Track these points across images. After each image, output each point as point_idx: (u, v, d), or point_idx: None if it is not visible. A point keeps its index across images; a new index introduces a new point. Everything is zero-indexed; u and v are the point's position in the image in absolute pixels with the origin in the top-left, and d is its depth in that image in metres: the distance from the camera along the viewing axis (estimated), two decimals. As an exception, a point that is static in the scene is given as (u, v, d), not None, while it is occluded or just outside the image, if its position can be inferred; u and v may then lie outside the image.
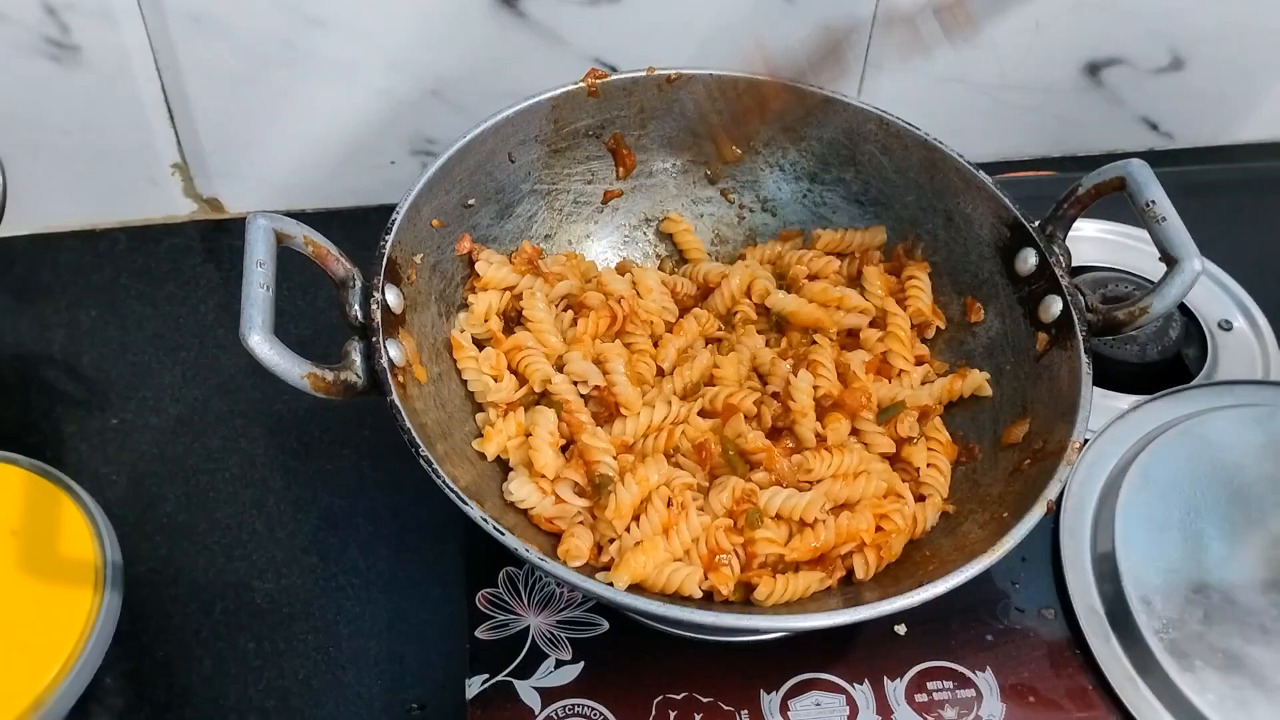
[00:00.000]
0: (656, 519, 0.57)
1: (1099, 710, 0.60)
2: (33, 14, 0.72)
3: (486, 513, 0.52)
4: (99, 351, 0.77)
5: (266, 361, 0.52)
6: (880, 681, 0.60)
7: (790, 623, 0.57)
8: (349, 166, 0.84)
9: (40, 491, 0.65)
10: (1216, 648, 0.60)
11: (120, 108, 0.78)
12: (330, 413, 0.73)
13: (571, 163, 0.72)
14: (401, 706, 0.61)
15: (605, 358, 0.64)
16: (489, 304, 0.66)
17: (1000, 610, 0.64)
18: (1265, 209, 0.93)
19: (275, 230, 0.56)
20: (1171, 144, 0.96)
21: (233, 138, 0.81)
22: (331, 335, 0.69)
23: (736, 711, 0.59)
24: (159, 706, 0.61)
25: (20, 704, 0.56)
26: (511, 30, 0.78)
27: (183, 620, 0.64)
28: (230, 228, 0.86)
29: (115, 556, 0.63)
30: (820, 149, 0.73)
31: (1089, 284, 0.79)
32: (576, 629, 0.61)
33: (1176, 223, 0.61)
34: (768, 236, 0.76)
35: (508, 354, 0.64)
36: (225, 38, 0.75)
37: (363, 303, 0.57)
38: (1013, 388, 0.65)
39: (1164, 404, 0.73)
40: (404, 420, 0.54)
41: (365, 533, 0.68)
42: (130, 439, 0.72)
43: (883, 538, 0.59)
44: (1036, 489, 0.55)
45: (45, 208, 0.82)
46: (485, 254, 0.67)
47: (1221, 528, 0.65)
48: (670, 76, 0.71)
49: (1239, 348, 0.79)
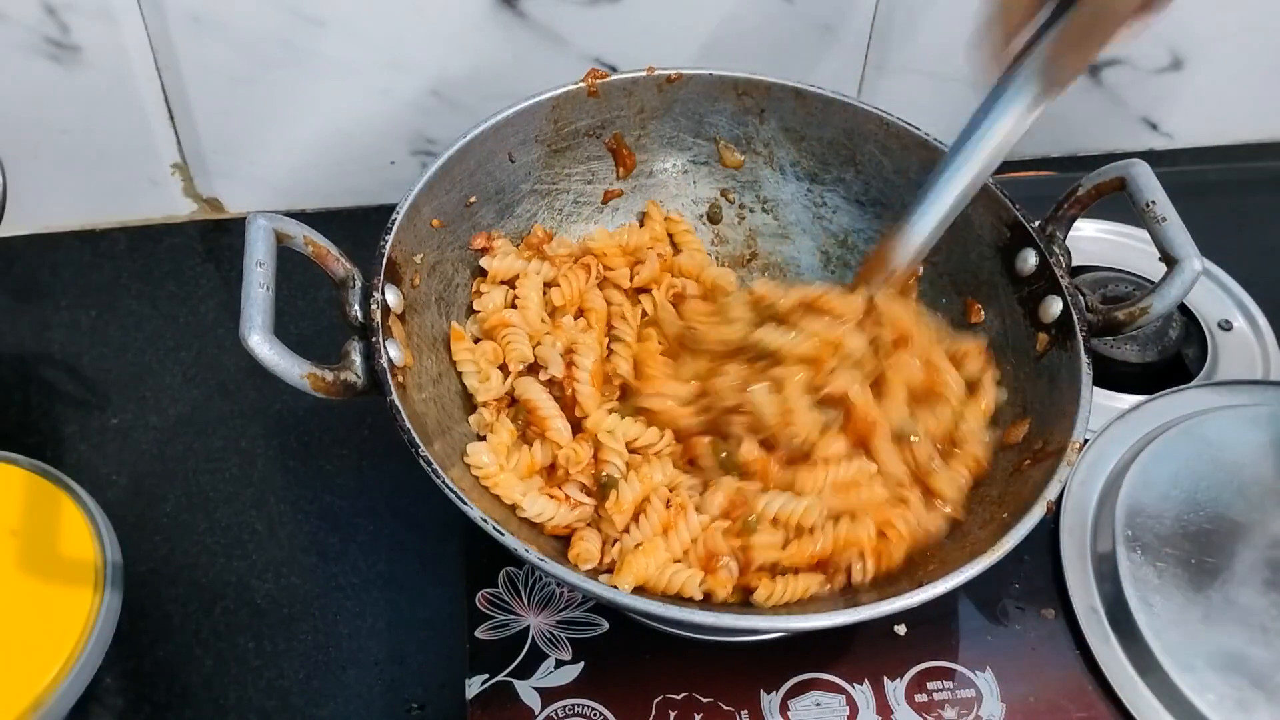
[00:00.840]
0: (656, 519, 0.57)
1: (1099, 710, 0.60)
2: (33, 14, 0.72)
3: (486, 513, 0.52)
4: (99, 351, 0.77)
5: (266, 361, 0.52)
6: (880, 681, 0.60)
7: (790, 623, 0.56)
8: (349, 166, 0.84)
9: (40, 491, 0.65)
10: (1216, 648, 0.60)
11: (120, 108, 0.78)
12: (330, 413, 0.73)
13: (571, 163, 0.72)
14: (401, 706, 0.61)
15: (576, 350, 0.63)
16: (495, 303, 0.66)
17: (1000, 610, 0.64)
18: (1265, 209, 0.93)
19: (275, 230, 0.56)
20: (1171, 144, 0.96)
21: (233, 138, 0.81)
22: (331, 335, 0.69)
23: (736, 711, 0.59)
24: (159, 706, 0.61)
25: (20, 704, 0.57)
26: (511, 30, 0.78)
27: (183, 620, 0.64)
28: (230, 228, 0.86)
29: (115, 556, 0.63)
30: (820, 149, 0.74)
31: (1089, 284, 0.79)
32: (576, 629, 0.61)
33: (1176, 223, 0.61)
34: (768, 236, 0.76)
35: (493, 330, 0.64)
36: (225, 38, 0.75)
37: (363, 303, 0.57)
38: (1013, 388, 0.65)
39: (1164, 404, 0.73)
40: (404, 420, 0.54)
41: (365, 533, 0.68)
42: (130, 439, 0.72)
43: (884, 544, 0.58)
44: (1036, 489, 0.55)
45: (45, 208, 0.82)
46: (500, 244, 0.67)
47: (1222, 528, 0.65)
48: (670, 76, 0.71)
49: (1239, 348, 0.79)
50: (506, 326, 0.64)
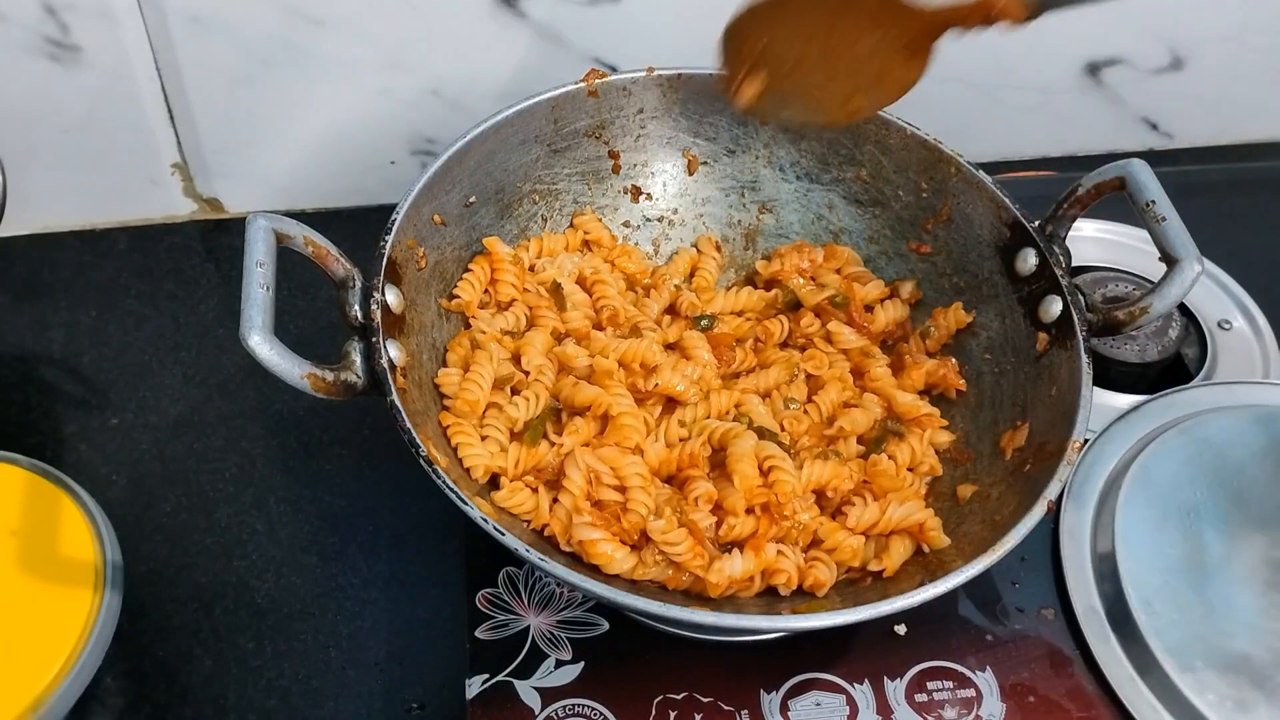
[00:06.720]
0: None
1: (1099, 710, 0.60)
2: (33, 14, 0.72)
3: (486, 513, 0.52)
4: (99, 351, 0.77)
5: (266, 361, 0.52)
6: (880, 681, 0.60)
7: (790, 623, 0.56)
8: (349, 166, 0.84)
9: (40, 491, 0.65)
10: (1216, 648, 0.60)
11: (120, 108, 0.78)
12: (330, 413, 0.73)
13: (571, 163, 0.72)
14: (401, 706, 0.61)
15: (566, 359, 0.65)
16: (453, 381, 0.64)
17: (1000, 610, 0.64)
18: (1265, 209, 0.93)
19: (275, 230, 0.56)
20: (1171, 144, 0.96)
21: (233, 138, 0.81)
22: (331, 335, 0.69)
23: (736, 711, 0.59)
24: (159, 706, 0.61)
25: (20, 704, 0.57)
26: (511, 30, 0.78)
27: (183, 620, 0.64)
28: (230, 228, 0.86)
29: (115, 556, 0.63)
30: (820, 149, 0.74)
31: (1089, 284, 0.79)
32: (576, 629, 0.61)
33: (1176, 223, 0.61)
34: (768, 236, 0.76)
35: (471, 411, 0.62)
36: (225, 38, 0.75)
37: (363, 303, 0.57)
38: (1013, 388, 0.65)
39: (1164, 404, 0.73)
40: (404, 420, 0.54)
41: (365, 533, 0.68)
42: (130, 439, 0.72)
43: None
44: (1036, 489, 0.55)
45: (45, 208, 0.82)
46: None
47: (1221, 528, 0.65)
48: (670, 76, 0.71)
49: (1239, 348, 0.79)
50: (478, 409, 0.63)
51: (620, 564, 0.56)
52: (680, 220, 0.76)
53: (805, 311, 0.70)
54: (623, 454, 0.59)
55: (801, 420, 0.64)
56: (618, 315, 0.69)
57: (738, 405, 0.64)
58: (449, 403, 0.62)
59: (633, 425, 0.61)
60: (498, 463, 0.60)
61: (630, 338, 0.66)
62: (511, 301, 0.68)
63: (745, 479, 0.58)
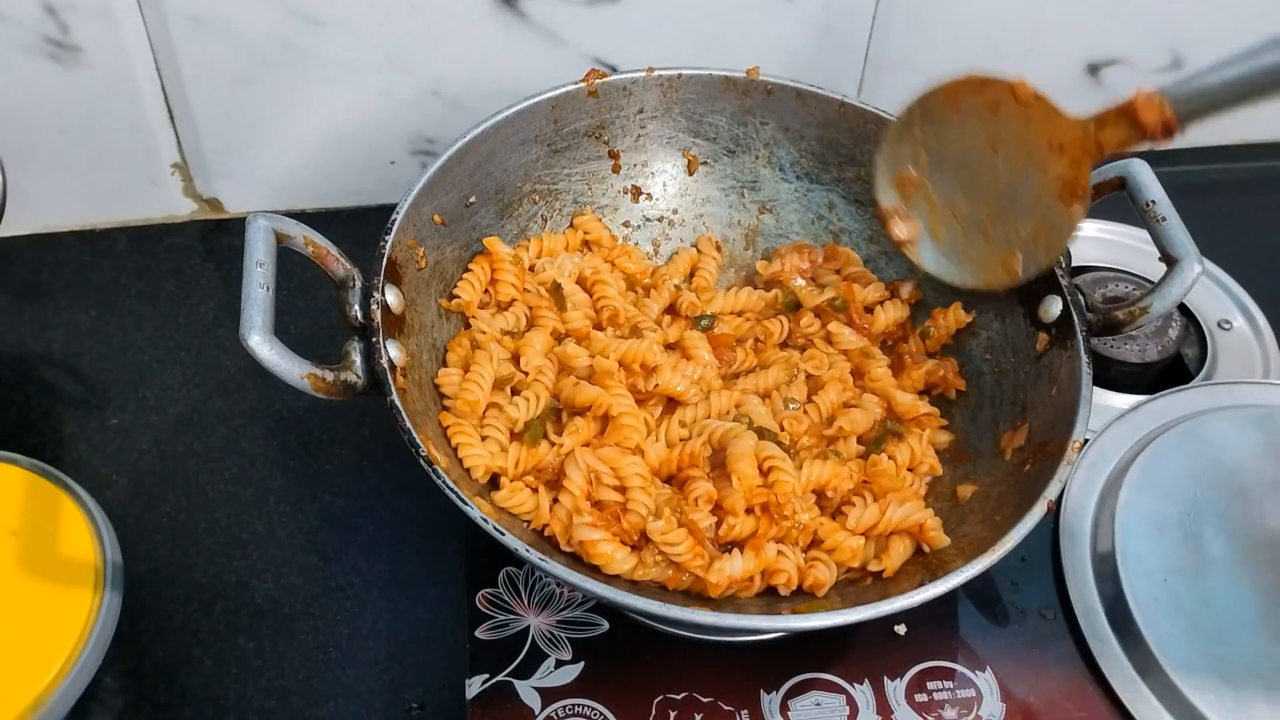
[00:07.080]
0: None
1: (1099, 710, 0.60)
2: (33, 14, 0.72)
3: (486, 513, 0.52)
4: (99, 351, 0.77)
5: (266, 361, 0.52)
6: (880, 681, 0.60)
7: (790, 623, 0.56)
8: (349, 166, 0.84)
9: (40, 491, 0.65)
10: (1216, 648, 0.60)
11: (120, 108, 0.78)
12: (330, 413, 0.73)
13: (571, 163, 0.72)
14: (401, 706, 0.61)
15: (566, 359, 0.65)
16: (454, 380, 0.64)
17: (1000, 610, 0.64)
18: (1265, 209, 0.93)
19: (275, 230, 0.56)
20: (1171, 144, 0.96)
21: (233, 138, 0.81)
22: (331, 335, 0.69)
23: (736, 711, 0.59)
24: (159, 706, 0.61)
25: (20, 704, 0.57)
26: (511, 30, 0.78)
27: (183, 620, 0.64)
28: (230, 228, 0.86)
29: (115, 556, 0.63)
30: (820, 149, 0.74)
31: (1089, 284, 0.79)
32: (576, 629, 0.61)
33: (1176, 223, 0.61)
34: (768, 236, 0.76)
35: (471, 411, 0.62)
36: (225, 38, 0.75)
37: (363, 303, 0.57)
38: (1013, 388, 0.65)
39: (1164, 404, 0.73)
40: (404, 420, 0.54)
41: (365, 533, 0.68)
42: (130, 439, 0.72)
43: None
44: (1036, 489, 0.55)
45: (45, 208, 0.82)
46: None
47: (1221, 528, 0.65)
48: (670, 76, 0.71)
49: (1239, 348, 0.79)
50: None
51: (620, 564, 0.56)
52: (680, 220, 0.76)
53: (805, 312, 0.70)
54: (623, 454, 0.59)
55: (801, 420, 0.64)
56: (618, 315, 0.69)
57: (738, 405, 0.64)
58: (449, 403, 0.62)
59: (633, 425, 0.61)
60: (498, 463, 0.60)
61: (630, 338, 0.66)
62: (511, 301, 0.68)
63: (745, 479, 0.58)
